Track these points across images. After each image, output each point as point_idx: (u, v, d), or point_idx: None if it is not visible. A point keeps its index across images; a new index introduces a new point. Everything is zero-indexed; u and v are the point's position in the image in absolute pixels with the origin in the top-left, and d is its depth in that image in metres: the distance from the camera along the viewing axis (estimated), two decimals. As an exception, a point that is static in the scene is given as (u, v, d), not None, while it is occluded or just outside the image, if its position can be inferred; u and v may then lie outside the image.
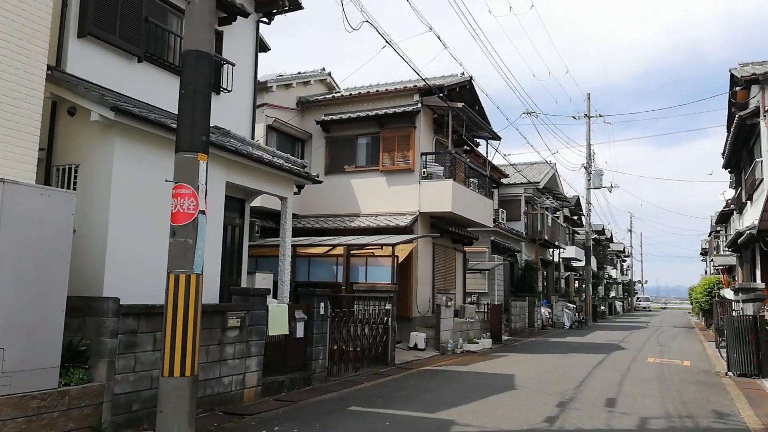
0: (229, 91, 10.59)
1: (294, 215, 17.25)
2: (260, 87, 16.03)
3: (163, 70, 9.48)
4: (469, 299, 21.37)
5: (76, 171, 7.49)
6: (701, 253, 55.22)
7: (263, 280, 11.86)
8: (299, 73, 18.16)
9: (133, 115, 7.26)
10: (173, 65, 9.51)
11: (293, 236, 16.17)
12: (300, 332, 9.66)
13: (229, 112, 10.74)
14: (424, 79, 13.81)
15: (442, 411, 7.95)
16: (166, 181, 6.12)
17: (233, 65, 10.64)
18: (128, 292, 7.18)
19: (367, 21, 9.87)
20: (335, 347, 10.84)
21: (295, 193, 11.11)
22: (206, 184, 6.14)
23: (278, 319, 9.07)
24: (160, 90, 9.31)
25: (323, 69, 18.78)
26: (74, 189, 7.43)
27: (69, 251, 6.07)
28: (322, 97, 17.61)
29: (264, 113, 16.08)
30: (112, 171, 7.32)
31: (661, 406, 8.71)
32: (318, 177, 11.02)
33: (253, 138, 11.30)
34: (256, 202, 14.55)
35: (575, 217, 39.05)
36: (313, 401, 8.56)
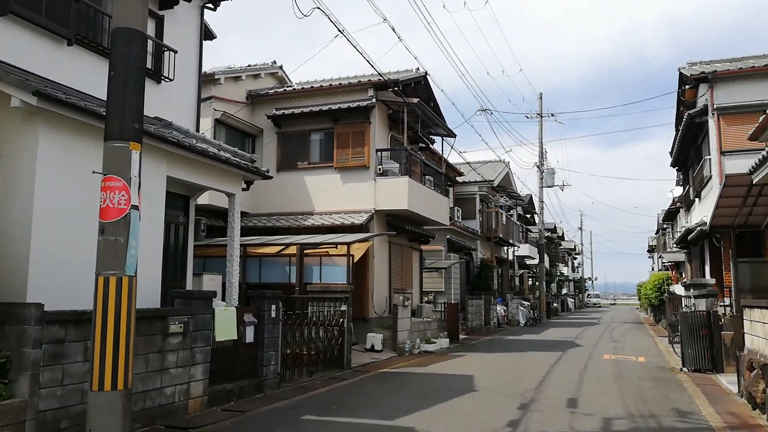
0: (171, 80, 9.92)
1: (244, 213, 16.64)
2: (207, 79, 15.33)
3: (96, 55, 8.76)
4: (426, 298, 21.10)
5: (-5, 163, 6.74)
6: (648, 250, 56.77)
7: (211, 282, 11.18)
8: (249, 65, 17.48)
9: (59, 102, 6.58)
10: (107, 50, 8.76)
11: (244, 235, 15.53)
12: (250, 337, 9.10)
13: (172, 102, 10.08)
14: (378, 72, 13.42)
15: (400, 417, 7.54)
16: (94, 172, 5.50)
17: (175, 52, 9.97)
18: (58, 296, 6.51)
19: (318, 8, 9.37)
20: (288, 351, 10.30)
21: (243, 189, 10.52)
22: (139, 177, 5.53)
23: (226, 323, 8.49)
24: (93, 77, 8.59)
25: (274, 62, 18.15)
26: (-7, 183, 6.69)
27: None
28: (273, 90, 16.99)
29: (212, 106, 15.37)
30: (36, 163, 6.62)
31: (622, 406, 8.54)
32: (268, 172, 10.47)
33: (198, 131, 10.65)
34: (203, 200, 13.88)
35: (528, 216, 39.44)
36: (263, 410, 8.02)
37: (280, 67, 18.22)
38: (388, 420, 7.40)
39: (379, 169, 15.75)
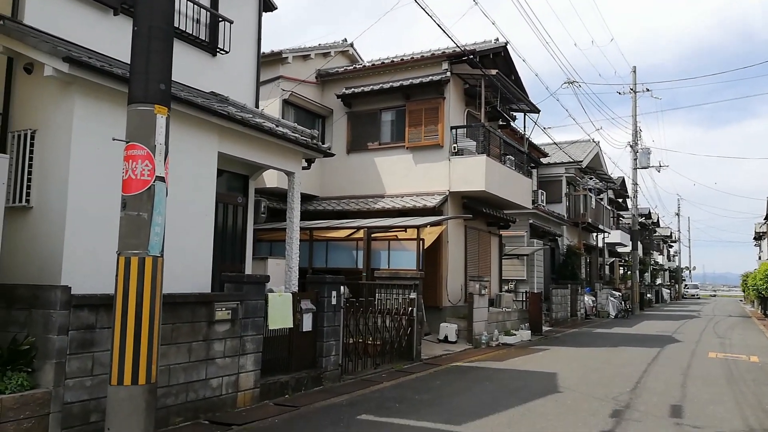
0: (226, 53, 9.34)
1: (314, 197, 16.11)
2: (275, 59, 14.85)
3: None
4: (505, 287, 19.86)
5: (33, 137, 6.35)
6: (755, 238, 52.01)
7: (276, 266, 10.65)
8: (319, 44, 16.83)
9: (92, 68, 6.06)
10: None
11: (313, 219, 15.01)
12: (307, 325, 8.41)
13: (229, 77, 9.51)
14: (452, 39, 12.30)
15: (469, 422, 6.59)
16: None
17: (231, 23, 9.37)
18: (94, 279, 6.03)
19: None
20: (351, 341, 9.58)
21: (304, 168, 9.83)
22: (166, 144, 4.88)
23: (280, 310, 7.83)
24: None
25: (345, 40, 17.41)
26: (30, 158, 6.30)
27: (0, 227, 4.93)
28: (343, 69, 16.25)
29: (279, 86, 14.84)
30: (71, 136, 6.14)
31: (739, 417, 7.16)
32: (330, 149, 9.70)
33: (257, 106, 10.05)
34: (272, 182, 13.42)
35: (620, 200, 36.92)
36: (318, 406, 7.31)
37: (351, 45, 17.47)
38: (455, 425, 6.46)
39: (454, 147, 14.69)
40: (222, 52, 9.27)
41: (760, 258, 45.86)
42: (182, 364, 6.37)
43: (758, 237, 50.03)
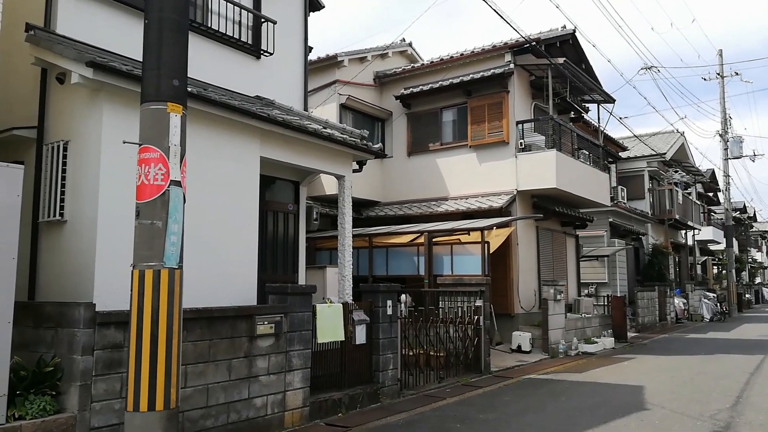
0: (270, 54, 8.98)
1: (375, 203, 15.62)
2: (330, 63, 14.52)
3: (184, 31, 8.03)
4: (585, 291, 18.57)
5: (66, 148, 6.16)
6: None
7: (335, 276, 10.20)
8: (376, 46, 16.38)
9: (117, 72, 5.79)
10: (194, 23, 8.00)
11: (374, 225, 14.51)
12: (361, 337, 7.85)
13: (274, 79, 9.16)
14: (514, 28, 11.47)
15: (538, 447, 5.80)
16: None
17: (274, 23, 9.01)
18: (127, 294, 5.73)
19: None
20: (412, 353, 8.95)
21: (355, 171, 9.31)
22: (182, 145, 4.48)
23: (330, 322, 7.32)
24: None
25: (403, 40, 16.88)
26: (64, 170, 6.10)
27: (15, 243, 4.67)
28: (401, 69, 15.71)
29: (336, 91, 14.49)
30: (101, 146, 5.89)
31: None
32: (383, 150, 9.14)
33: (305, 109, 9.65)
34: (331, 189, 13.00)
35: (711, 194, 34.28)
36: (371, 426, 6.72)
37: (410, 45, 16.92)
38: (522, 450, 5.69)
39: (521, 143, 13.78)
40: (266, 54, 8.93)
41: None
42: (222, 383, 5.96)
43: None
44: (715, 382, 9.47)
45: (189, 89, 6.55)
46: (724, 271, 31.13)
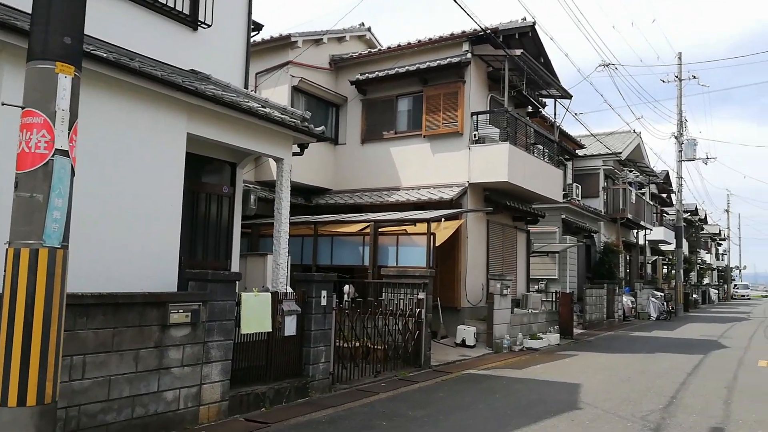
0: (209, 26, 8.48)
1: (327, 190, 15.22)
2: (283, 43, 14.02)
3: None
4: (535, 287, 18.60)
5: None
6: (813, 236, 48.96)
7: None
8: (332, 29, 15.90)
9: (19, 31, 5.25)
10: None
11: (324, 213, 14.12)
12: (291, 329, 7.49)
13: (213, 53, 8.68)
14: (472, 17, 11.16)
15: (461, 448, 5.55)
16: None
17: (213, -7, 8.51)
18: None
19: None
20: (347, 345, 8.64)
21: (296, 154, 8.92)
22: (73, 112, 4.04)
23: (256, 312, 6.94)
24: (115, 24, 7.33)
25: (362, 24, 16.46)
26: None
27: None
28: (357, 54, 15.29)
29: (288, 73, 14.01)
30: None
31: (795, 448, 5.91)
32: (323, 133, 8.73)
33: (246, 87, 9.18)
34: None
35: (664, 195, 34.93)
36: (293, 423, 6.39)
37: (368, 30, 16.51)
38: (443, 452, 5.43)
39: (475, 135, 13.56)
40: (204, 25, 8.42)
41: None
42: (127, 374, 5.52)
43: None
44: (652, 382, 9.44)
45: (107, 56, 6.07)
46: (673, 271, 31.77)
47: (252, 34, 12.16)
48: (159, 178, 6.69)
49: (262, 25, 11.79)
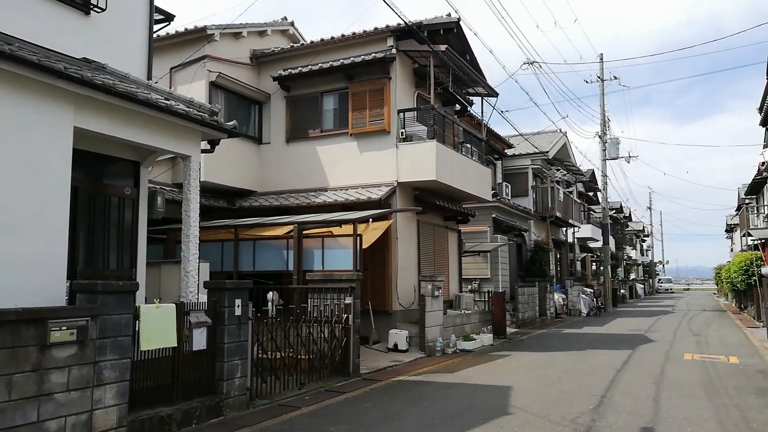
0: (102, 10, 7.69)
1: (251, 192, 14.48)
2: (199, 36, 13.23)
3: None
4: (468, 287, 18.47)
5: None
6: (727, 230, 51.74)
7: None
8: (252, 22, 15.20)
9: None
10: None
11: (249, 216, 13.39)
12: (200, 343, 6.82)
13: (108, 41, 7.88)
14: (395, 11, 10.80)
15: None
16: None
17: (107, -27, 7.72)
18: None
19: None
20: (272, 356, 8.03)
21: (205, 151, 8.24)
22: None
23: (158, 326, 6.24)
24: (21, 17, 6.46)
25: (285, 18, 15.83)
26: None
27: None
28: (280, 49, 14.65)
29: (205, 67, 13.22)
30: None
31: (725, 444, 5.77)
32: (234, 128, 8.08)
33: (149, 78, 8.41)
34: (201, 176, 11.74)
35: (591, 194, 35.89)
36: (200, 448, 5.74)
37: (291, 24, 15.90)
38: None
39: (402, 133, 13.19)
40: (96, 9, 7.62)
41: (732, 250, 45.37)
42: (-2, 404, 4.74)
43: (730, 229, 49.60)
44: (582, 380, 9.30)
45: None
46: (601, 268, 32.64)
47: (163, 25, 11.41)
48: (40, 178, 5.89)
49: (174, 15, 10.95)
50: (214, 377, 7.07)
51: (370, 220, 11.24)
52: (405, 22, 12.06)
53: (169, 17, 11.11)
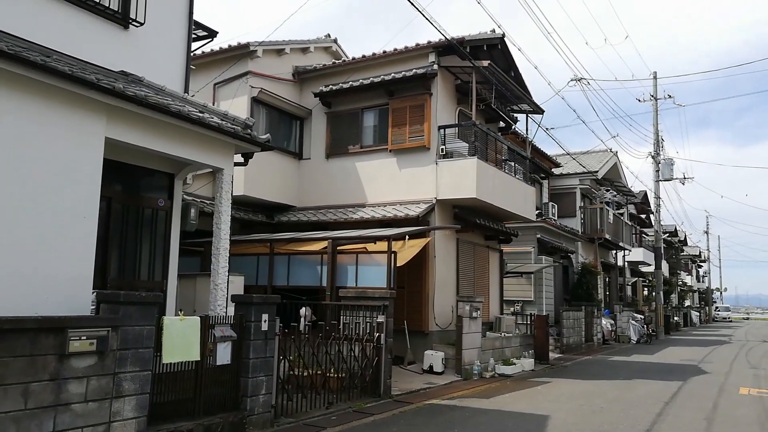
0: (141, 24, 7.80)
1: (290, 207, 14.50)
2: (242, 52, 13.41)
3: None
4: (510, 309, 17.95)
5: None
6: (791, 257, 49.06)
7: (231, 285, 9.00)
8: (295, 39, 15.33)
9: None
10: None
11: (287, 231, 13.38)
12: (224, 357, 6.70)
13: (146, 54, 7.98)
14: (436, 27, 10.65)
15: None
16: None
17: (147, -11, 7.85)
18: None
19: None
20: (293, 373, 7.86)
21: (239, 164, 8.19)
22: None
23: (181, 339, 6.15)
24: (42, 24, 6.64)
25: (328, 35, 15.91)
26: None
27: None
28: (322, 65, 14.71)
29: (248, 83, 13.36)
30: None
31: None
32: (268, 141, 8.03)
33: (187, 91, 8.48)
34: (238, 189, 11.80)
35: (643, 216, 34.66)
36: (216, 467, 5.57)
37: (335, 41, 15.96)
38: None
39: (442, 150, 12.96)
40: (135, 23, 7.73)
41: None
42: (12, 412, 4.70)
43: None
44: (627, 412, 8.75)
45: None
46: (653, 293, 31.34)
47: (206, 41, 11.60)
48: (68, 187, 5.92)
49: (216, 32, 11.16)
50: (238, 393, 6.94)
51: (407, 237, 11.02)
52: (447, 38, 11.89)
53: (212, 33, 11.31)
